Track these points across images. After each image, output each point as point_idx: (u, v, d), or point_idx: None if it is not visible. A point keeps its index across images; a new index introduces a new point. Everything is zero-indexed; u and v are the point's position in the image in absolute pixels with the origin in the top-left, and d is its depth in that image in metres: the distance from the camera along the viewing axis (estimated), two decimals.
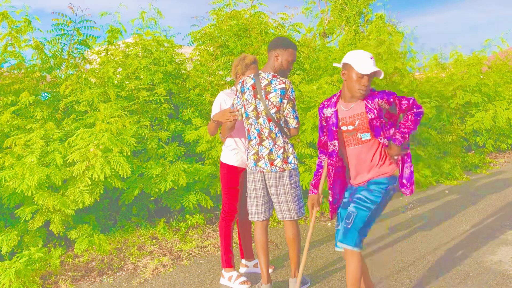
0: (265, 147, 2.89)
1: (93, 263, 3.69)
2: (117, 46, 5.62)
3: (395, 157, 2.54)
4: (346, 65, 2.44)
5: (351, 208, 2.45)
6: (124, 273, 3.53)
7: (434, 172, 7.01)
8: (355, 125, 2.47)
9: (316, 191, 2.68)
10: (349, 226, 2.39)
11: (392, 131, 2.49)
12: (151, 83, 5.23)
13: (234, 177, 3.14)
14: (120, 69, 5.41)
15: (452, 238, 4.21)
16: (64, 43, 5.20)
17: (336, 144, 2.53)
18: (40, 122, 4.34)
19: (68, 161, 3.74)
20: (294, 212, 2.98)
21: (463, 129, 8.80)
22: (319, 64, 7.15)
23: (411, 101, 2.44)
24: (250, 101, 2.89)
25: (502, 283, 3.21)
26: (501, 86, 9.95)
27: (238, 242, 3.59)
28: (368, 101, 2.44)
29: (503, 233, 4.34)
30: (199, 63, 5.98)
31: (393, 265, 3.57)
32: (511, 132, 9.53)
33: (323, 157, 2.69)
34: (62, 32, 5.12)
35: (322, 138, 2.66)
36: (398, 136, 2.44)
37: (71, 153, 3.76)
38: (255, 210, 3.03)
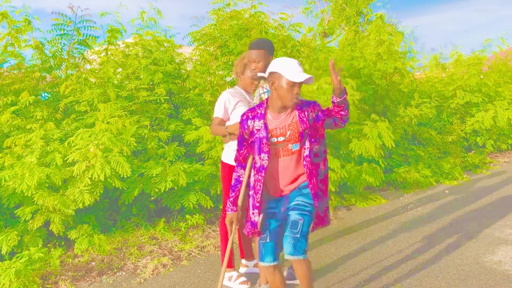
0: None
1: (93, 263, 3.68)
2: (117, 46, 5.62)
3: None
4: (274, 74, 2.30)
5: (296, 216, 2.35)
6: (124, 273, 3.53)
7: (434, 172, 7.01)
8: (286, 136, 2.37)
9: (235, 209, 2.53)
10: (299, 235, 2.29)
11: (315, 144, 2.42)
12: (151, 83, 5.23)
13: None
14: (120, 69, 5.41)
15: (452, 238, 4.21)
16: (64, 43, 5.20)
17: (266, 158, 2.38)
18: (40, 122, 4.34)
19: (68, 161, 3.74)
20: None
21: (463, 129, 8.80)
22: (319, 64, 7.15)
23: (329, 109, 2.41)
24: None
25: (502, 283, 3.20)
26: (501, 86, 9.96)
27: (238, 242, 3.59)
28: (299, 110, 2.37)
29: (503, 233, 4.34)
30: (199, 63, 5.98)
31: (393, 265, 3.57)
32: (511, 132, 9.53)
33: (241, 171, 2.54)
34: (62, 32, 5.12)
35: (242, 151, 2.50)
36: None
37: (71, 153, 3.76)
38: None
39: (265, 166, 2.39)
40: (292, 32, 6.47)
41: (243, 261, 3.48)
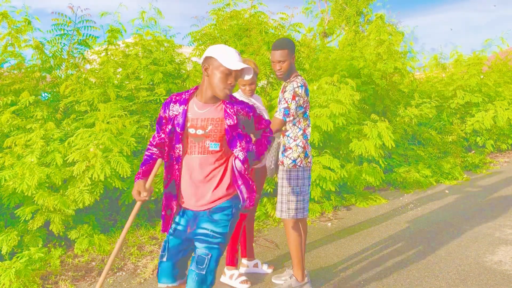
0: None
1: (93, 263, 3.69)
2: (117, 46, 5.62)
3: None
4: (209, 59, 2.04)
5: (202, 250, 2.05)
6: (124, 273, 3.53)
7: (434, 172, 7.01)
8: (206, 130, 2.06)
9: (142, 177, 2.17)
10: (204, 272, 2.02)
11: (244, 145, 2.12)
12: (151, 83, 5.23)
13: None
14: (120, 69, 5.41)
15: (452, 238, 4.21)
16: (64, 43, 5.20)
17: (181, 148, 2.08)
18: (40, 122, 4.34)
19: (68, 161, 3.74)
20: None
21: (463, 129, 8.80)
22: (319, 64, 7.16)
23: (267, 123, 2.24)
24: (308, 103, 2.99)
25: (502, 283, 3.20)
26: (501, 86, 9.97)
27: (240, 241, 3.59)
28: (228, 105, 2.09)
29: (503, 233, 4.34)
30: (199, 63, 5.97)
31: (393, 265, 3.57)
32: (511, 132, 9.54)
33: (154, 149, 2.22)
34: (62, 32, 5.12)
35: (159, 134, 2.17)
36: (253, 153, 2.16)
37: (71, 153, 3.76)
38: (307, 206, 3.07)
39: (180, 158, 2.09)
40: (292, 32, 6.47)
41: (244, 260, 3.48)
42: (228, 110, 2.08)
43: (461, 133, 8.55)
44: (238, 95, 3.17)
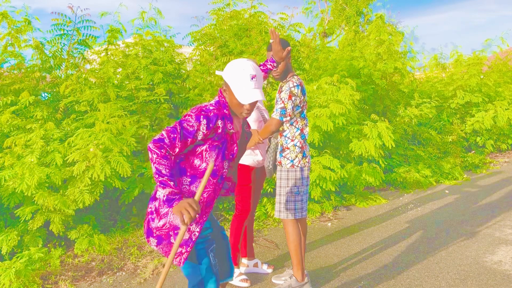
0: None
1: (93, 263, 3.68)
2: (117, 46, 5.62)
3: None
4: (225, 83, 2.00)
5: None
6: (124, 273, 3.53)
7: (434, 172, 7.01)
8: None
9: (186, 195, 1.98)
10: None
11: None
12: (151, 83, 5.23)
13: (246, 175, 3.16)
14: (120, 69, 5.41)
15: (452, 238, 4.21)
16: (64, 43, 5.20)
17: (227, 166, 2.06)
18: (40, 122, 4.34)
19: (68, 161, 3.74)
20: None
21: (463, 129, 8.81)
22: (319, 64, 7.16)
23: None
24: (305, 103, 2.99)
25: (502, 283, 3.20)
26: (501, 86, 9.97)
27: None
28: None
29: (503, 233, 4.34)
30: (199, 63, 5.98)
31: (393, 265, 3.57)
32: (511, 132, 9.54)
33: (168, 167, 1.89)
34: (62, 32, 5.12)
35: (177, 147, 1.89)
36: None
37: (71, 153, 3.76)
38: (306, 206, 3.07)
39: (225, 176, 2.07)
40: (292, 32, 6.47)
41: (244, 260, 3.48)
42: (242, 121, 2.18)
43: (461, 133, 8.56)
44: None
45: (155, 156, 1.85)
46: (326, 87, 5.52)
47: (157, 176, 1.84)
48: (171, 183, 1.83)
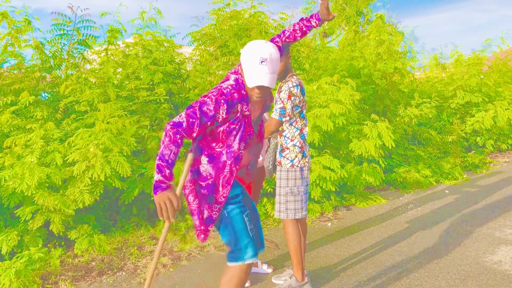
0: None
1: (93, 263, 3.68)
2: (117, 46, 5.62)
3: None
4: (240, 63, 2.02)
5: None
6: (124, 273, 3.53)
7: (434, 172, 7.01)
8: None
9: (171, 185, 1.87)
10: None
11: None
12: (151, 83, 5.23)
13: None
14: (120, 69, 5.41)
15: (452, 238, 4.21)
16: (64, 43, 5.20)
17: (243, 146, 2.06)
18: (40, 122, 4.34)
19: (68, 161, 3.74)
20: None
21: (463, 129, 8.80)
22: (319, 64, 7.16)
23: None
24: (304, 103, 3.00)
25: (502, 283, 3.20)
26: (501, 86, 9.97)
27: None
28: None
29: (503, 233, 4.34)
30: (199, 63, 5.98)
31: (393, 265, 3.57)
32: (511, 132, 9.53)
33: (176, 149, 1.87)
34: (62, 32, 5.12)
35: (195, 129, 1.89)
36: None
37: (71, 153, 3.76)
38: (306, 206, 3.07)
39: (241, 157, 2.07)
40: None
41: None
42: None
43: (461, 133, 8.55)
44: None
45: (167, 139, 1.85)
46: (326, 87, 5.51)
47: (158, 158, 1.84)
48: (166, 171, 1.81)
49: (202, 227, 2.07)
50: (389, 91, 7.97)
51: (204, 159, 2.03)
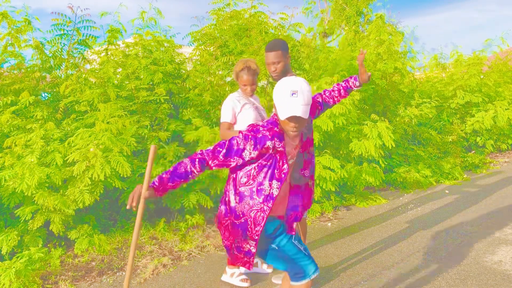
0: None
1: (93, 263, 3.68)
2: (117, 46, 5.62)
3: None
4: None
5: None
6: (124, 273, 3.53)
7: (434, 172, 7.01)
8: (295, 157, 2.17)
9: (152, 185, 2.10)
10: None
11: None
12: (151, 83, 5.23)
13: None
14: (120, 69, 5.41)
15: (452, 238, 4.21)
16: (64, 43, 5.20)
17: (279, 186, 2.03)
18: (40, 122, 4.34)
19: (68, 161, 3.74)
20: None
21: (463, 129, 8.80)
22: (319, 64, 7.16)
23: None
24: None
25: (502, 283, 3.20)
26: (501, 86, 9.97)
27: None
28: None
29: (503, 233, 4.34)
30: (199, 63, 5.98)
31: (393, 265, 3.57)
32: (511, 132, 9.54)
33: (195, 170, 1.98)
34: (62, 32, 5.12)
35: (228, 161, 1.98)
36: None
37: (71, 153, 3.76)
38: None
39: (274, 196, 2.02)
40: (292, 32, 6.47)
41: None
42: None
43: (461, 133, 8.56)
44: (238, 94, 3.18)
45: (191, 156, 2.00)
46: (326, 87, 5.51)
47: (170, 169, 2.02)
48: (157, 180, 2.05)
49: (245, 259, 2.14)
50: (389, 91, 7.97)
51: (236, 198, 2.08)
